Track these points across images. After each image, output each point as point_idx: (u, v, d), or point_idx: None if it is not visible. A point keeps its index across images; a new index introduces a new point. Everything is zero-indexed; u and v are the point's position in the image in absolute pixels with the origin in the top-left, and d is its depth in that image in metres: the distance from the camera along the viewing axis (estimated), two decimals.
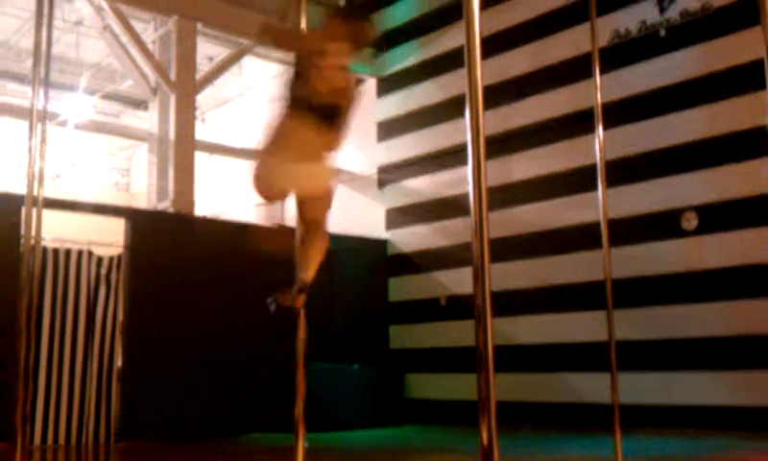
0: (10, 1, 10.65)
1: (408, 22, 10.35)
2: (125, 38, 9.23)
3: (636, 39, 7.86)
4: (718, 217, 7.15)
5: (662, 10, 7.70)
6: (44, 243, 6.64)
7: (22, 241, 4.31)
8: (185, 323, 7.90)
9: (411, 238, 10.04)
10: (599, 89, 5.85)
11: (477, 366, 1.50)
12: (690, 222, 7.31)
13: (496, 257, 2.03)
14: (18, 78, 12.40)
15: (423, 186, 9.91)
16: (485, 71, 2.01)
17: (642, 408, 7.26)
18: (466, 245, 1.83)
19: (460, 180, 9.06)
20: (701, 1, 7.42)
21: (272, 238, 3.73)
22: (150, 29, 9.99)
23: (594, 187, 5.86)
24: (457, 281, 9.22)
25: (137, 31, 9.41)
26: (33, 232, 4.16)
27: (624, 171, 7.56)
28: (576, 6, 8.03)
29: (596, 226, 5.87)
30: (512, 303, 8.42)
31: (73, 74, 12.19)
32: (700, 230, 7.26)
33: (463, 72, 1.70)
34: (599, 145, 5.40)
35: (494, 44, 8.61)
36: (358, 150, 10.63)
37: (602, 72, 5.98)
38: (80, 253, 7.48)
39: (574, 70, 8.07)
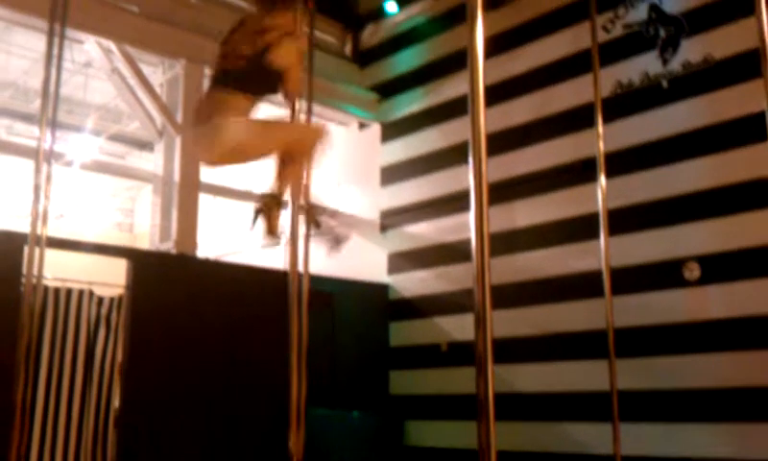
0: (20, 42, 10.81)
1: (413, 70, 10.46)
2: (133, 81, 9.33)
3: (638, 90, 7.93)
4: (721, 267, 7.13)
5: (665, 62, 7.79)
6: (45, 282, 6.64)
7: (23, 280, 4.31)
8: (185, 365, 7.85)
9: (413, 283, 10.02)
10: (602, 138, 5.90)
11: (478, 414, 1.49)
12: (693, 272, 7.29)
13: (498, 304, 2.02)
14: (26, 117, 12.52)
15: (426, 232, 9.92)
16: (488, 119, 2.02)
17: (644, 459, 7.16)
18: (467, 291, 1.84)
19: (462, 226, 9.07)
20: (703, 53, 7.51)
21: None
22: (158, 72, 10.10)
23: (597, 236, 5.87)
24: (458, 327, 9.17)
25: (145, 74, 9.52)
26: (35, 271, 4.16)
27: (626, 220, 7.57)
28: (579, 57, 8.12)
29: (598, 274, 5.87)
30: (513, 350, 8.36)
31: (80, 115, 12.32)
32: (703, 281, 7.24)
33: (466, 119, 1.72)
34: (601, 194, 5.43)
35: (497, 93, 8.69)
36: (361, 194, 10.68)
37: (604, 122, 6.04)
38: (81, 292, 7.47)
39: (577, 119, 8.13)
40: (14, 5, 8.06)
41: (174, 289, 8.01)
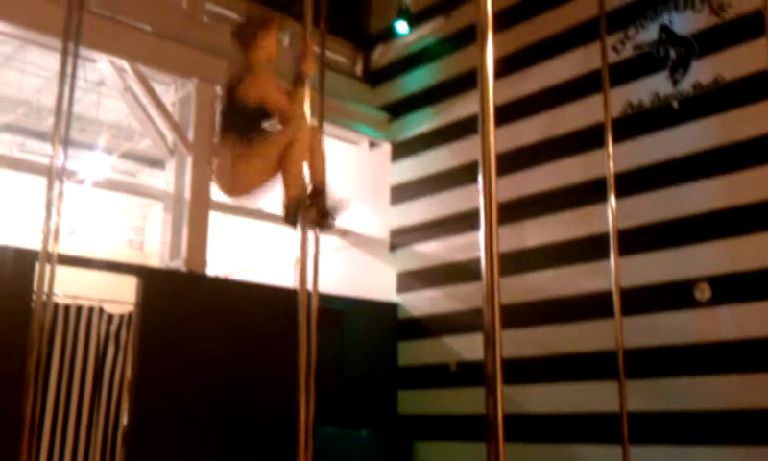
0: (34, 61, 10.92)
1: (423, 90, 10.50)
2: (145, 99, 9.40)
3: (648, 111, 7.93)
4: (732, 288, 7.09)
5: (675, 82, 7.79)
6: (55, 299, 6.66)
7: (34, 297, 4.33)
8: (193, 383, 7.84)
9: (422, 302, 10.00)
10: (612, 158, 5.90)
11: (487, 435, 1.48)
12: (704, 293, 7.25)
13: (507, 324, 2.02)
14: (39, 135, 12.63)
15: (435, 251, 9.92)
16: (498, 138, 2.03)
17: None
18: (477, 311, 1.84)
19: (472, 245, 9.06)
20: (713, 74, 7.51)
21: None
22: (170, 91, 10.18)
23: (607, 256, 5.86)
24: (468, 347, 9.14)
25: (158, 92, 9.60)
26: (45, 288, 4.18)
27: (636, 240, 7.55)
28: (589, 77, 8.14)
29: (608, 294, 5.85)
30: (522, 370, 8.32)
31: (92, 133, 12.41)
32: (713, 302, 7.19)
33: (476, 139, 1.72)
34: (611, 214, 5.42)
35: (507, 112, 8.70)
36: (371, 213, 10.69)
37: (615, 142, 6.05)
38: (90, 309, 7.49)
39: (587, 139, 8.13)
40: (29, 24, 8.15)
41: (183, 307, 8.02)
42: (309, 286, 3.80)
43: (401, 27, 10.48)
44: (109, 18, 8.59)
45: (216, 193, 9.52)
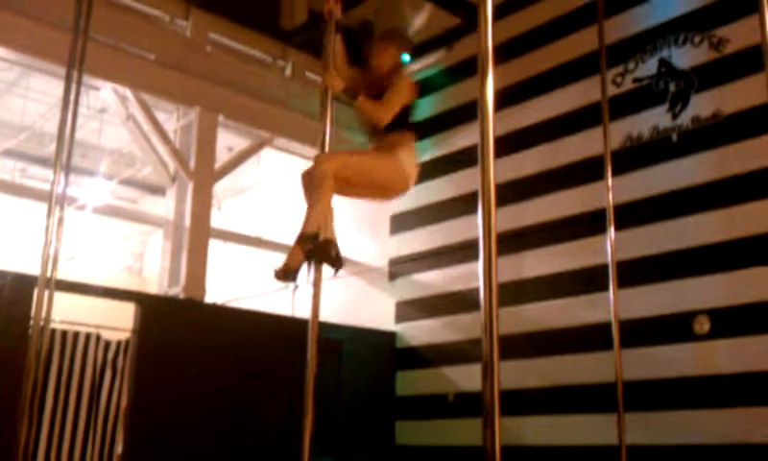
0: (38, 87, 10.99)
1: (423, 120, 10.56)
2: (147, 127, 9.46)
3: (648, 144, 7.97)
4: (731, 321, 7.08)
5: (675, 116, 7.84)
6: (53, 325, 6.65)
7: (31, 323, 4.32)
8: (190, 411, 7.79)
9: (420, 332, 9.97)
10: (611, 190, 5.92)
11: None
12: (702, 326, 7.24)
13: (506, 355, 2.01)
14: (40, 161, 12.68)
15: (434, 280, 9.91)
16: (497, 169, 2.04)
17: None
18: (475, 341, 1.83)
19: (471, 275, 9.05)
20: (712, 108, 7.55)
21: None
22: (172, 119, 10.25)
23: (606, 288, 5.85)
24: (466, 378, 9.09)
25: (160, 120, 9.66)
26: (43, 314, 4.17)
27: (635, 272, 7.54)
28: (589, 110, 8.19)
29: (607, 326, 5.84)
30: (521, 402, 8.27)
31: (94, 159, 12.46)
32: (712, 335, 7.17)
33: (476, 170, 1.73)
34: (611, 245, 5.42)
35: (508, 143, 8.75)
36: (370, 242, 10.70)
37: (614, 174, 6.07)
38: (87, 336, 7.47)
39: (587, 171, 8.16)
40: (35, 51, 8.24)
41: (181, 334, 8.00)
42: (308, 314, 3.78)
43: (404, 57, 10.54)
44: (113, 46, 8.67)
45: (216, 220, 9.58)
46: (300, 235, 3.78)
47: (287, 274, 3.77)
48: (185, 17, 9.49)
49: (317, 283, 3.72)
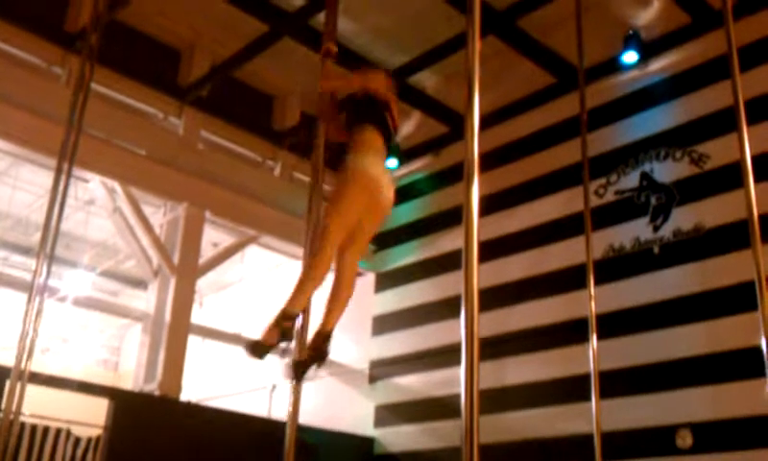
0: (27, 177, 11.03)
1: (409, 223, 10.65)
2: (133, 220, 9.46)
3: (630, 255, 8.05)
4: (714, 436, 6.99)
5: (656, 228, 7.96)
6: (22, 418, 6.46)
7: (1, 415, 4.20)
8: None
9: (399, 438, 9.75)
10: (594, 299, 5.93)
11: None
12: (685, 440, 7.14)
13: None
14: (23, 250, 12.60)
15: (415, 384, 9.77)
16: (481, 274, 2.05)
17: None
18: (455, 449, 1.79)
19: (452, 380, 8.93)
20: (693, 222, 7.68)
21: None
22: (159, 213, 10.27)
23: (588, 398, 5.78)
24: None
25: (146, 213, 9.67)
26: (13, 407, 4.06)
27: (618, 383, 7.48)
28: (572, 219, 8.29)
29: (589, 438, 5.74)
30: None
31: (77, 250, 12.40)
32: (695, 450, 7.07)
33: (459, 274, 1.74)
34: (593, 355, 5.39)
35: (492, 249, 8.81)
36: (352, 343, 10.59)
37: (596, 284, 6.09)
38: (57, 431, 7.26)
39: (569, 280, 8.20)
40: (27, 142, 8.30)
41: (154, 432, 7.78)
42: (284, 416, 3.69)
43: (390, 162, 10.76)
44: (105, 140, 8.76)
45: (197, 316, 9.48)
46: (282, 313, 3.53)
47: (257, 349, 3.50)
48: (178, 115, 9.66)
49: (296, 394, 3.64)
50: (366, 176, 3.76)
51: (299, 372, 3.70)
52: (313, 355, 3.70)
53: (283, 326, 3.51)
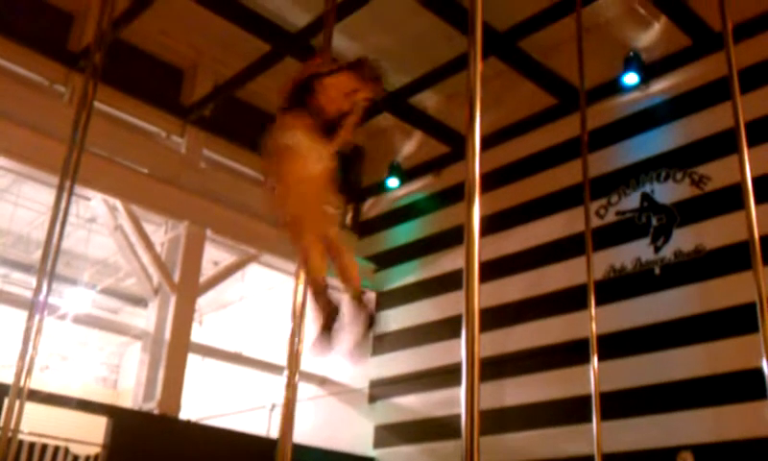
0: (29, 195, 11.05)
1: (410, 242, 10.65)
2: (134, 238, 9.47)
3: (631, 275, 8.04)
4: (715, 458, 6.94)
5: (657, 249, 7.95)
6: (21, 436, 6.42)
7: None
8: None
9: (399, 458, 9.68)
10: (594, 320, 5.91)
11: None
12: None
13: None
14: (24, 267, 12.59)
15: (415, 404, 9.72)
16: (482, 294, 2.04)
17: None
18: None
19: (452, 401, 8.89)
20: (694, 243, 7.68)
21: None
22: (160, 231, 10.27)
23: (589, 419, 5.76)
24: None
25: (148, 231, 9.68)
26: (12, 425, 4.04)
27: (619, 404, 7.43)
28: (573, 240, 8.29)
29: (590, 459, 5.70)
30: None
31: (78, 268, 12.39)
32: None
33: (460, 294, 1.74)
34: (594, 376, 5.37)
35: (492, 269, 8.79)
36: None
37: (597, 304, 6.08)
38: (56, 449, 7.22)
39: (570, 300, 8.18)
40: (29, 159, 8.33)
41: (153, 450, 7.74)
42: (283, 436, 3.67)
43: (392, 182, 10.78)
44: (107, 158, 8.78)
45: (197, 334, 9.46)
46: (312, 287, 3.79)
47: (325, 336, 3.69)
48: (181, 134, 9.69)
49: (289, 407, 3.64)
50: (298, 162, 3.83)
51: (365, 331, 3.75)
52: (363, 319, 3.76)
53: (322, 300, 3.63)
